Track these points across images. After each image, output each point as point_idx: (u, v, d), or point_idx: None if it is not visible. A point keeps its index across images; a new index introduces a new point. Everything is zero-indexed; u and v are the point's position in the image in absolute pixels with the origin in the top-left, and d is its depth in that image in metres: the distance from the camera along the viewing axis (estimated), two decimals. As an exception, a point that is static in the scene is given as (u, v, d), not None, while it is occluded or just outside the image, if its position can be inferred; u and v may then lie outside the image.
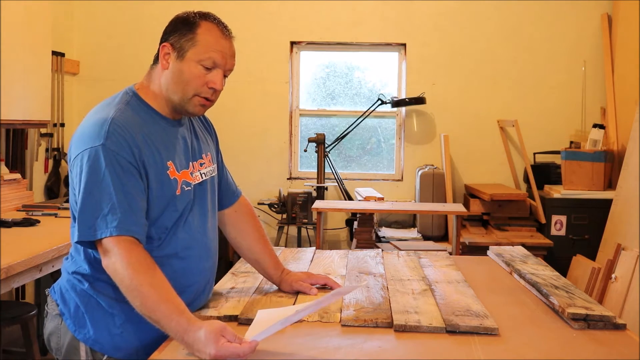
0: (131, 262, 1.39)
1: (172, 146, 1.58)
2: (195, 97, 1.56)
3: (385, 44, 5.08)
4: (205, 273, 1.66)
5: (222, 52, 1.55)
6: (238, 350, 1.28)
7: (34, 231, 3.05)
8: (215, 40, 1.55)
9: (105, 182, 1.42)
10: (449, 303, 1.69)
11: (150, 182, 1.50)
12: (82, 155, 1.45)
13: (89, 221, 1.42)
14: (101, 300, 1.53)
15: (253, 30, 5.01)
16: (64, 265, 1.62)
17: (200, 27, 1.54)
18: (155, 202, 1.52)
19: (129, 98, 1.57)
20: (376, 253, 2.36)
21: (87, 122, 1.51)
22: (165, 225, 1.55)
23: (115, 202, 1.42)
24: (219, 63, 1.55)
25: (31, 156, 4.30)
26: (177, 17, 1.59)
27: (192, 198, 1.62)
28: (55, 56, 4.52)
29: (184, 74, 1.54)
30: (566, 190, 4.44)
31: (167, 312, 1.35)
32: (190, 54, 1.53)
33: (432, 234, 4.63)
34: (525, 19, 4.93)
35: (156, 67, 1.60)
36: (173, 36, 1.56)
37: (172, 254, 1.57)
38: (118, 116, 1.49)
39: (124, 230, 1.41)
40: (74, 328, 1.54)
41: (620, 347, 1.44)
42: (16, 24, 3.59)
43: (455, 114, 5.00)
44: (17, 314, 2.94)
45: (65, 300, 1.57)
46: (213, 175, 1.74)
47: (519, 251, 2.35)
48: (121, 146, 1.45)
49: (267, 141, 5.09)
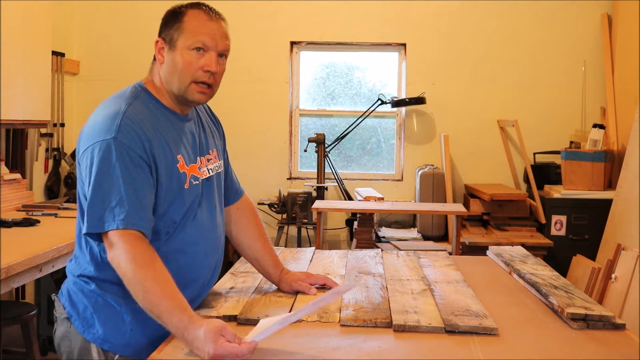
0: (135, 256, 1.40)
1: (180, 140, 1.60)
2: (193, 84, 1.57)
3: (385, 44, 5.08)
4: (210, 268, 1.68)
5: (210, 34, 1.57)
6: (237, 350, 1.28)
7: (34, 231, 3.05)
8: (202, 23, 1.56)
9: (115, 176, 1.43)
10: (449, 303, 1.69)
11: (160, 175, 1.51)
12: (92, 148, 1.46)
13: (98, 213, 1.43)
14: (109, 299, 1.53)
15: (253, 30, 5.01)
16: (69, 268, 1.62)
17: (187, 15, 1.57)
18: (163, 195, 1.52)
19: (139, 92, 1.58)
20: (376, 253, 2.36)
21: (97, 116, 1.52)
22: (173, 219, 1.56)
23: (124, 196, 1.43)
24: (209, 45, 1.56)
25: (31, 156, 4.30)
26: (168, 11, 1.62)
27: (200, 192, 1.62)
28: (55, 56, 4.52)
29: (177, 63, 1.56)
30: (566, 190, 4.44)
31: (169, 308, 1.35)
32: (180, 42, 1.55)
33: (432, 234, 4.63)
34: (525, 19, 4.93)
35: (155, 63, 1.62)
36: (164, 30, 1.59)
37: (178, 249, 1.57)
38: (130, 110, 1.50)
39: (131, 224, 1.42)
40: (82, 329, 1.54)
41: (620, 347, 1.43)
42: (16, 24, 3.59)
43: (455, 114, 5.00)
44: (17, 314, 2.94)
45: (73, 302, 1.57)
46: (219, 172, 1.75)
47: (519, 251, 2.35)
48: (133, 140, 1.46)
49: (267, 141, 5.09)
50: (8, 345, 3.69)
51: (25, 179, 3.95)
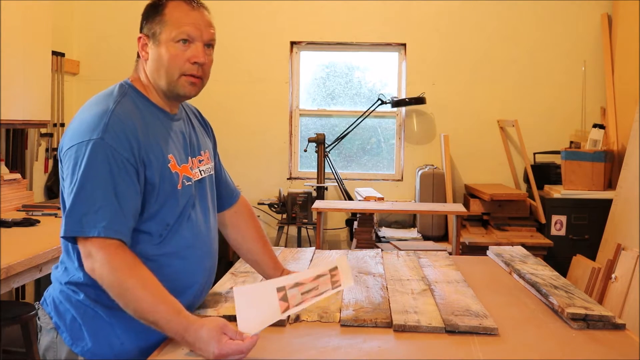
0: (117, 265, 1.35)
1: (171, 139, 1.54)
2: (182, 77, 1.52)
3: (385, 44, 5.08)
4: (205, 273, 1.62)
5: (194, 24, 1.52)
6: (241, 347, 1.28)
7: (34, 231, 3.05)
8: (184, 14, 1.52)
9: (99, 179, 1.38)
10: (449, 303, 1.69)
11: (151, 175, 1.46)
12: (77, 147, 1.40)
13: (77, 216, 1.37)
14: (99, 310, 1.46)
15: (253, 30, 5.01)
16: (55, 275, 1.55)
17: (167, 7, 1.52)
18: (155, 196, 1.47)
19: (127, 90, 1.53)
20: (376, 253, 2.36)
21: (84, 114, 1.46)
22: (167, 221, 1.50)
23: (107, 201, 1.37)
24: (194, 35, 1.51)
25: (31, 156, 4.31)
26: (147, 5, 1.58)
27: (193, 194, 1.57)
28: (55, 56, 4.53)
29: (162, 57, 1.51)
30: (566, 190, 4.44)
31: (165, 314, 1.33)
32: (164, 36, 1.51)
33: (432, 234, 4.63)
34: (525, 19, 4.93)
35: (140, 60, 1.58)
36: (145, 25, 1.55)
37: (173, 253, 1.52)
38: (118, 108, 1.45)
39: (112, 232, 1.36)
40: (70, 342, 1.47)
41: (620, 347, 1.44)
42: (16, 24, 3.59)
43: (455, 114, 5.00)
44: (17, 314, 2.94)
45: (59, 312, 1.50)
46: (211, 173, 1.71)
47: (519, 251, 2.35)
48: (120, 141, 1.41)
49: (267, 141, 5.09)
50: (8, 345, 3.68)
51: (25, 179, 3.95)
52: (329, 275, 1.50)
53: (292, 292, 1.41)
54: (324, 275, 1.49)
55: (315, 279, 1.47)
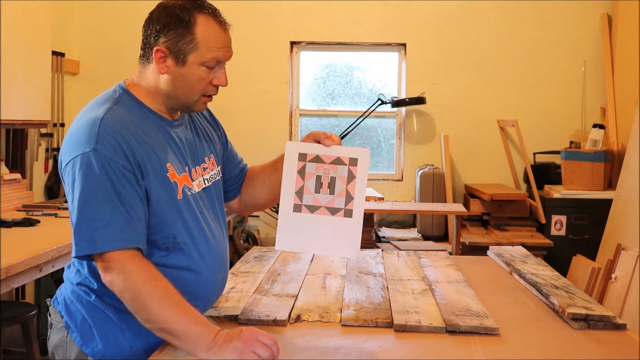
0: (138, 279, 1.34)
1: (169, 147, 1.48)
2: (202, 97, 1.50)
3: (385, 44, 5.08)
4: (216, 285, 1.58)
5: (225, 48, 1.47)
6: (273, 349, 1.29)
7: (34, 231, 3.05)
8: (217, 36, 1.45)
9: (100, 191, 1.34)
10: (449, 303, 1.69)
11: (150, 183, 1.41)
12: (73, 162, 1.37)
13: (87, 233, 1.34)
14: (109, 313, 1.45)
15: (253, 30, 5.01)
16: (67, 275, 1.54)
17: (197, 24, 1.43)
18: (156, 205, 1.42)
19: (120, 96, 1.47)
20: (376, 253, 2.36)
21: (76, 124, 1.42)
22: (173, 233, 1.45)
23: (114, 212, 1.34)
24: (222, 60, 1.48)
25: (31, 156, 4.30)
26: (165, 9, 1.45)
27: (198, 204, 1.52)
28: (55, 56, 4.52)
29: (187, 78, 1.45)
30: (566, 190, 4.44)
31: (190, 325, 1.32)
32: (192, 58, 1.44)
33: (432, 234, 4.63)
34: (525, 19, 4.93)
35: (148, 66, 1.48)
36: (167, 36, 1.43)
37: (184, 267, 1.47)
38: (108, 116, 1.39)
39: (126, 242, 1.34)
40: (81, 342, 1.46)
41: (620, 347, 1.44)
42: (16, 24, 3.59)
43: (455, 114, 5.00)
44: (17, 314, 2.94)
45: (70, 312, 1.49)
46: (218, 179, 1.65)
47: (519, 251, 2.35)
48: (113, 149, 1.36)
49: (267, 141, 5.09)
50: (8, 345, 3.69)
51: (25, 179, 3.95)
52: (347, 168, 1.49)
53: (310, 167, 1.49)
54: (342, 166, 1.49)
55: (334, 163, 1.49)
